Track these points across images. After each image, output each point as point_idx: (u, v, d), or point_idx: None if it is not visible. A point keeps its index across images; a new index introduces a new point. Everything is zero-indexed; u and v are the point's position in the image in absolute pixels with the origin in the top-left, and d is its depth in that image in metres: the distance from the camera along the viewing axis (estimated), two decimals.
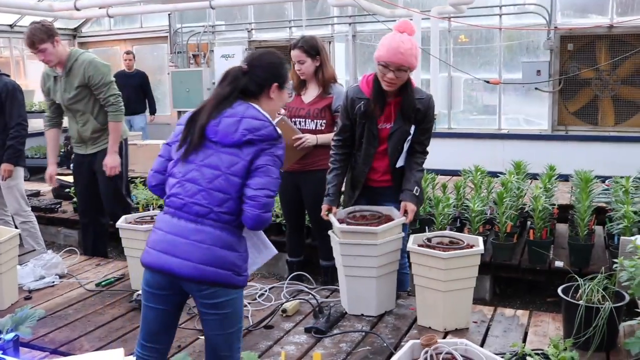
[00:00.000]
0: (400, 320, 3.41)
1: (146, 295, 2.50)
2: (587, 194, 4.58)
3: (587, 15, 8.35)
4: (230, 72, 2.54)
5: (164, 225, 2.44)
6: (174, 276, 2.38)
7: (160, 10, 9.83)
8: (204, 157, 2.42)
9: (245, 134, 2.39)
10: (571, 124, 8.47)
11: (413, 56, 3.34)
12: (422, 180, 3.65)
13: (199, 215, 2.38)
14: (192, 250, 2.36)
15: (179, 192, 2.42)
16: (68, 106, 4.75)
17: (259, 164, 2.40)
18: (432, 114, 3.58)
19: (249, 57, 2.58)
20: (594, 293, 2.87)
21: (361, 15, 9.34)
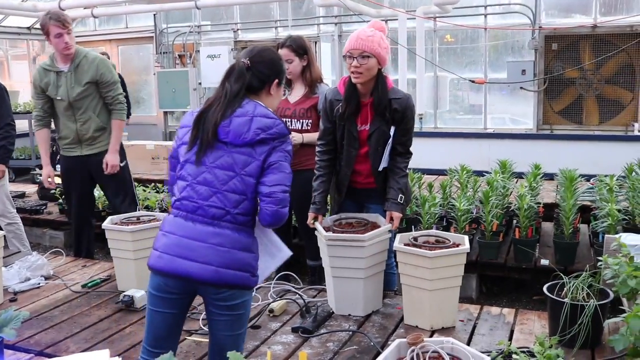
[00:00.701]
0: (387, 320, 3.42)
1: (154, 300, 2.46)
2: (572, 193, 4.61)
3: (571, 15, 8.41)
4: (235, 68, 2.52)
5: (176, 229, 2.40)
6: (192, 280, 2.36)
7: (146, 10, 9.79)
8: (215, 159, 2.40)
9: (259, 133, 2.39)
10: (556, 123, 8.54)
11: (376, 43, 3.34)
12: (406, 185, 3.60)
13: (216, 217, 2.37)
14: (213, 254, 2.35)
15: (191, 195, 2.40)
16: (72, 102, 4.63)
17: (272, 161, 2.40)
18: (410, 114, 3.51)
19: (249, 53, 2.54)
20: (579, 291, 2.89)
21: (347, 15, 9.36)
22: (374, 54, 3.34)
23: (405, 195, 3.59)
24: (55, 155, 9.24)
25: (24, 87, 11.51)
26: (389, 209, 3.52)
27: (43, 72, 4.71)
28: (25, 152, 10.27)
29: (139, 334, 3.31)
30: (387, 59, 3.42)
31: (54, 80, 4.66)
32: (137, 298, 3.64)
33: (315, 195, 3.66)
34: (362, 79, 3.39)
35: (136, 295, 3.65)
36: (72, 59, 4.60)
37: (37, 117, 4.85)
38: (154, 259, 2.43)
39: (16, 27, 11.14)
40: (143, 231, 3.87)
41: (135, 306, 3.62)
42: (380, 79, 3.44)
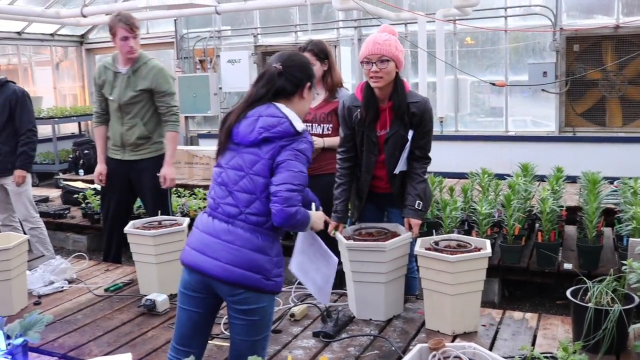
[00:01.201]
0: (409, 324, 3.41)
1: (181, 298, 2.56)
2: (595, 196, 4.56)
3: (592, 15, 8.32)
4: (265, 73, 2.55)
5: (200, 225, 2.52)
6: (206, 275, 2.43)
7: (166, 16, 9.86)
8: (229, 159, 2.49)
9: (261, 132, 2.42)
10: (579, 125, 8.44)
11: (393, 47, 3.34)
12: (424, 191, 3.57)
13: (231, 216, 2.44)
14: (221, 250, 2.40)
15: (213, 194, 2.52)
16: (122, 105, 4.62)
17: (280, 160, 2.42)
18: (428, 117, 3.49)
19: (279, 58, 2.57)
20: (603, 295, 2.86)
21: (366, 19, 9.35)
22: (393, 57, 3.34)
23: (424, 202, 3.56)
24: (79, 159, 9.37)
25: (47, 92, 11.67)
26: (407, 215, 3.52)
27: (103, 70, 4.73)
28: (48, 157, 10.40)
29: (161, 337, 3.33)
30: (403, 62, 3.43)
31: (111, 80, 4.66)
32: (159, 302, 3.66)
33: (337, 204, 3.65)
34: (381, 83, 3.38)
35: (158, 299, 3.67)
36: (133, 62, 4.59)
37: (96, 113, 4.86)
38: (182, 252, 2.56)
39: (40, 33, 11.29)
40: (165, 235, 3.90)
41: (157, 310, 3.65)
42: (399, 82, 3.43)
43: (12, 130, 5.29)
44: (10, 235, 4.05)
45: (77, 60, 12.26)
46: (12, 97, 5.25)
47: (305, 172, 2.45)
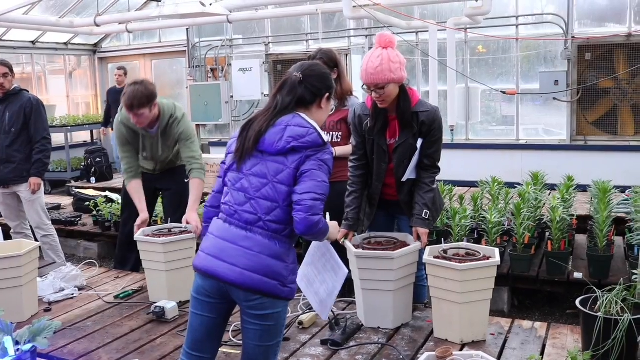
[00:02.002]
0: (417, 333, 3.40)
1: (194, 303, 2.56)
2: (606, 205, 4.54)
3: (604, 24, 8.29)
4: (287, 81, 2.56)
5: (215, 230, 2.52)
6: (221, 281, 2.43)
7: (179, 25, 9.93)
8: (251, 166, 2.48)
9: (290, 142, 2.43)
10: (590, 134, 8.40)
11: (386, 71, 3.30)
12: (432, 200, 3.56)
13: (249, 222, 2.44)
14: (239, 256, 2.40)
15: (230, 200, 2.51)
16: (157, 157, 4.61)
17: (305, 169, 2.43)
18: (437, 127, 3.48)
19: (300, 68, 2.60)
20: (613, 305, 2.84)
21: (377, 28, 9.35)
22: (387, 82, 3.33)
23: (432, 211, 3.57)
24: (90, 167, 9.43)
25: (60, 101, 11.77)
26: (414, 225, 3.52)
27: (123, 128, 4.47)
28: (61, 165, 10.48)
29: (170, 345, 3.34)
30: (403, 76, 3.39)
31: (141, 138, 4.51)
32: (168, 309, 3.68)
33: (348, 212, 3.66)
34: (385, 104, 3.44)
35: (167, 306, 3.69)
36: (159, 122, 4.41)
37: (127, 168, 4.53)
38: (196, 258, 2.55)
39: (53, 42, 11.41)
40: (174, 243, 3.92)
41: (166, 317, 3.66)
42: (402, 94, 3.43)
43: (27, 138, 5.35)
44: (22, 242, 4.09)
45: (90, 68, 12.38)
46: (26, 105, 5.32)
47: (328, 183, 2.47)
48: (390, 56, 3.34)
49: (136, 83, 4.18)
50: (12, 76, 5.35)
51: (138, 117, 4.20)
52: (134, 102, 4.10)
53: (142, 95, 4.13)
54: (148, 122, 4.30)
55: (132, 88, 4.15)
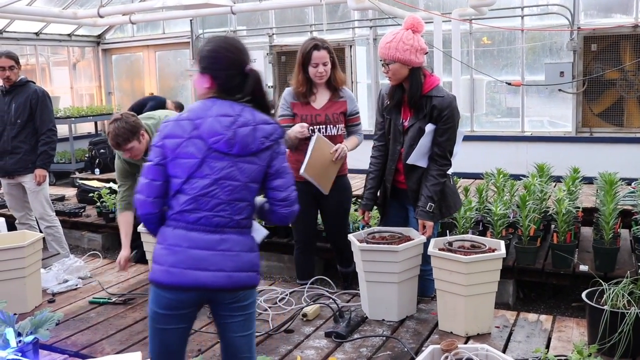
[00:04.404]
0: (422, 325, 3.38)
1: (164, 319, 2.38)
2: (612, 197, 4.50)
3: (611, 15, 8.22)
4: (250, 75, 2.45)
5: (181, 241, 2.35)
6: (207, 289, 2.34)
7: (182, 16, 9.89)
8: (220, 170, 2.35)
9: (264, 142, 2.39)
10: (596, 126, 8.35)
11: (392, 49, 3.41)
12: (439, 193, 3.55)
13: (220, 225, 2.36)
14: (222, 260, 2.34)
15: (195, 207, 2.35)
16: None
17: (278, 165, 2.43)
18: (449, 114, 3.48)
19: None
20: (620, 298, 2.82)
21: (382, 19, 9.31)
22: (392, 59, 3.42)
23: (442, 205, 3.60)
24: (94, 158, 9.44)
25: (64, 92, 11.75)
26: (418, 216, 3.55)
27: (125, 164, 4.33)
28: (65, 156, 10.48)
29: None
30: (412, 60, 3.43)
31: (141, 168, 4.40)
32: None
33: (365, 192, 3.82)
34: (392, 82, 3.55)
35: None
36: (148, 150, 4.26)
37: (121, 198, 4.37)
38: (161, 274, 2.34)
39: (57, 34, 11.38)
40: None
41: None
42: (413, 77, 3.47)
43: (32, 130, 5.36)
44: (26, 233, 4.08)
45: (94, 60, 12.35)
46: (32, 96, 5.32)
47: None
48: (404, 37, 3.43)
49: (115, 120, 4.01)
50: (18, 68, 5.36)
51: (130, 152, 4.07)
52: (119, 140, 3.95)
53: (125, 131, 3.95)
54: (142, 152, 4.11)
55: (112, 127, 3.99)
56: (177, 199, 2.37)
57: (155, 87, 11.92)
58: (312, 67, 4.01)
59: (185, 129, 2.35)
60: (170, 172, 2.37)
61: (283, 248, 5.89)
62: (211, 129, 2.34)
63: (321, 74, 4.03)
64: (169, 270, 2.33)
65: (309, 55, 3.99)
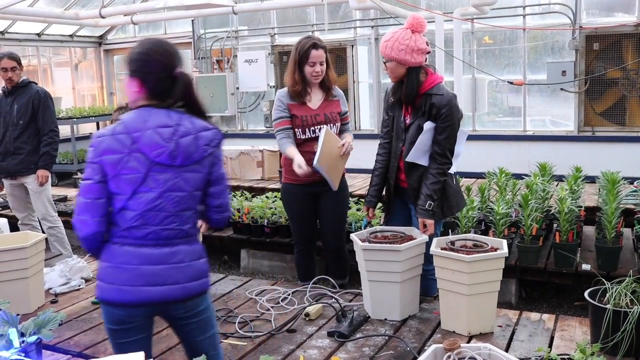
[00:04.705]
0: (424, 325, 3.38)
1: (121, 334, 2.36)
2: (615, 196, 4.50)
3: (613, 14, 8.21)
4: (182, 79, 2.39)
5: (131, 259, 2.30)
6: (161, 304, 2.33)
7: (184, 16, 9.90)
8: (165, 182, 2.30)
9: (207, 150, 2.37)
10: (598, 125, 8.34)
11: (389, 48, 3.47)
12: (438, 192, 3.56)
13: (169, 238, 2.34)
14: (176, 273, 2.33)
15: (141, 223, 2.30)
16: None
17: (217, 172, 2.43)
18: (447, 112, 3.49)
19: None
20: (622, 297, 2.82)
21: (383, 18, 9.31)
22: (388, 58, 3.50)
23: (443, 205, 3.62)
24: None
25: (66, 93, 11.76)
26: (418, 215, 3.58)
27: None
28: (67, 157, 10.49)
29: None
30: (407, 60, 3.46)
31: None
32: None
33: (370, 189, 3.89)
34: (392, 79, 3.65)
35: None
36: None
37: None
38: (112, 292, 2.31)
39: (59, 35, 11.40)
40: None
41: None
42: (410, 76, 3.52)
43: (34, 130, 5.36)
44: (28, 234, 4.08)
45: (95, 61, 12.36)
46: (34, 97, 5.33)
47: None
48: (401, 37, 3.47)
49: (121, 108, 4.05)
50: (20, 69, 5.37)
51: None
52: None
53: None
54: None
55: (117, 114, 4.06)
56: (122, 216, 2.31)
57: None
58: (308, 66, 3.98)
59: (124, 144, 2.26)
60: (112, 189, 2.29)
61: (285, 248, 5.89)
62: (151, 141, 2.27)
63: (318, 73, 4.01)
64: (121, 289, 2.30)
65: (306, 53, 3.96)
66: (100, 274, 2.35)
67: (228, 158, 8.44)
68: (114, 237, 2.33)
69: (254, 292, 3.97)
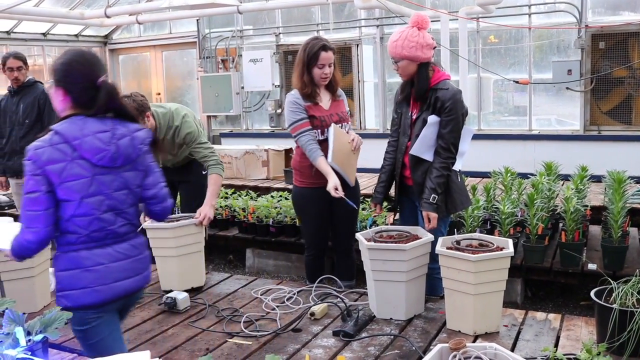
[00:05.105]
0: (430, 324, 3.38)
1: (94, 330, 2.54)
2: (621, 195, 4.49)
3: (619, 12, 8.19)
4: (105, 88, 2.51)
5: (100, 259, 2.49)
6: (130, 295, 2.61)
7: (189, 16, 9.91)
8: (109, 184, 2.48)
9: (142, 148, 2.58)
10: (604, 124, 8.31)
11: (399, 47, 3.54)
12: (442, 186, 3.58)
13: (125, 233, 2.57)
14: (138, 264, 2.61)
15: (100, 225, 2.47)
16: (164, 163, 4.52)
17: (148, 163, 2.63)
18: (451, 106, 3.53)
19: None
20: (629, 296, 2.80)
21: (388, 18, 9.31)
22: (399, 57, 3.57)
23: (447, 200, 3.64)
24: None
25: None
26: (422, 208, 3.63)
27: None
28: None
29: (181, 335, 3.35)
30: (418, 56, 3.55)
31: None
32: (180, 300, 3.68)
33: (377, 186, 3.95)
34: (403, 78, 3.69)
35: (179, 297, 3.69)
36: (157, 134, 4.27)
37: None
38: (90, 296, 2.47)
39: (65, 34, 11.43)
40: (184, 227, 3.98)
41: (177, 308, 3.66)
42: (421, 72, 3.59)
43: (40, 130, 5.32)
44: None
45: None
46: (40, 97, 5.36)
47: None
48: (409, 35, 3.55)
49: (124, 97, 4.02)
50: (26, 69, 5.39)
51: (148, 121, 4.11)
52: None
53: (131, 108, 3.94)
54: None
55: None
56: (76, 222, 2.44)
57: (162, 87, 11.96)
58: (317, 68, 3.95)
59: (65, 152, 2.38)
60: (60, 196, 2.40)
61: (291, 247, 5.89)
62: (92, 147, 2.40)
63: (326, 75, 3.98)
64: (95, 290, 2.48)
65: (316, 55, 3.92)
66: (67, 283, 2.49)
67: (233, 157, 8.45)
68: (74, 244, 2.47)
69: (259, 291, 3.97)
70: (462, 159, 3.73)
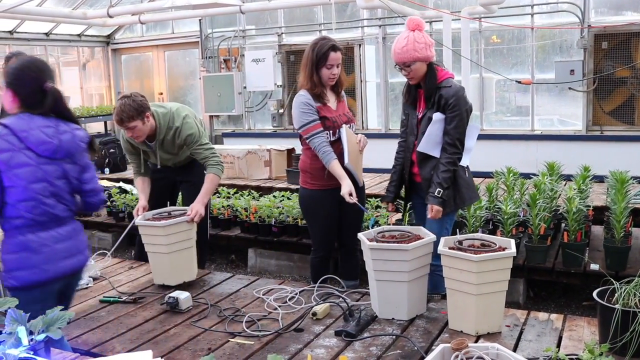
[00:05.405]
0: (432, 324, 3.37)
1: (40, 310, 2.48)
2: (623, 195, 4.48)
3: (621, 12, 8.18)
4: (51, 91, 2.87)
5: (45, 241, 2.81)
6: (72, 274, 2.96)
7: (192, 16, 9.92)
8: (52, 172, 2.82)
9: (81, 145, 2.93)
10: (606, 124, 8.31)
11: (411, 51, 3.61)
12: (449, 181, 3.67)
13: (67, 218, 2.92)
14: (78, 245, 2.96)
15: (42, 210, 2.80)
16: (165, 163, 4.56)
17: (85, 160, 2.98)
18: (455, 102, 3.62)
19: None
20: (631, 297, 2.79)
21: (391, 17, 9.31)
22: (413, 60, 3.62)
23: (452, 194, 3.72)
24: (105, 158, 9.48)
25: (74, 92, 11.81)
26: (427, 201, 3.70)
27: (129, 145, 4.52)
28: None
29: (183, 335, 3.35)
30: (429, 55, 3.66)
31: (142, 153, 4.51)
32: (182, 300, 3.68)
33: (388, 185, 4.06)
34: (415, 81, 3.75)
35: (181, 297, 3.69)
36: (156, 136, 4.36)
37: (134, 169, 4.64)
38: (37, 274, 2.79)
39: (67, 34, 11.44)
40: (175, 225, 4.01)
41: (179, 308, 3.66)
42: (429, 71, 3.67)
43: None
44: None
45: (103, 60, 12.40)
46: None
47: None
48: (416, 37, 3.64)
49: (124, 97, 4.12)
50: None
51: (132, 131, 4.16)
52: (123, 117, 4.07)
53: (130, 109, 4.07)
54: (145, 135, 4.23)
55: (119, 103, 4.11)
56: (22, 207, 2.76)
57: (165, 87, 11.97)
58: (326, 69, 3.92)
59: (12, 143, 2.71)
60: (6, 183, 2.72)
61: (293, 247, 5.89)
62: (38, 139, 2.75)
63: (334, 75, 3.97)
64: (43, 269, 2.80)
65: (325, 55, 3.89)
66: (14, 264, 2.78)
67: (235, 157, 8.45)
68: (20, 228, 2.77)
69: (261, 291, 3.97)
70: (469, 155, 3.81)
